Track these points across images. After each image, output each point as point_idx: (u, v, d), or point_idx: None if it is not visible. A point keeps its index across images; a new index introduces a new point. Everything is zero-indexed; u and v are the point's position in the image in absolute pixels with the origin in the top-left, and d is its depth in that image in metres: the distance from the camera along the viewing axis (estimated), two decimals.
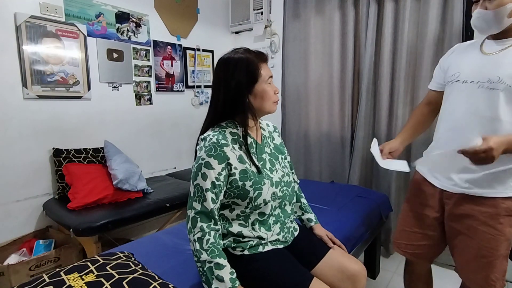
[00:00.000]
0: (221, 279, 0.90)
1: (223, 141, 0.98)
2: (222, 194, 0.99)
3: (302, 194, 1.32)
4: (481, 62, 1.07)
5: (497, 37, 1.05)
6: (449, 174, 1.14)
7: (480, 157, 0.91)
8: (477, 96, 1.04)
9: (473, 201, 1.09)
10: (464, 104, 1.08)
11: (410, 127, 1.39)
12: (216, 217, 0.97)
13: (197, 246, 0.93)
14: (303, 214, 1.28)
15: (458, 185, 1.11)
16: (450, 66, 1.19)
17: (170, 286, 0.95)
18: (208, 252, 0.92)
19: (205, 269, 0.92)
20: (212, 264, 0.91)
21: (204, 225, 0.94)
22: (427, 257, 1.31)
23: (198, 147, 1.03)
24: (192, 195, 0.97)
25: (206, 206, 0.95)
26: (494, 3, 0.96)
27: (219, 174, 0.96)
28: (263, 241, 1.06)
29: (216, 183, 0.96)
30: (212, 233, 0.95)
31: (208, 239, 0.93)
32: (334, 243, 1.21)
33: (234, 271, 0.95)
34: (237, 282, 0.93)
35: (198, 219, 0.95)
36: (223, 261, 0.93)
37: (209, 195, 0.95)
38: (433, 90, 1.31)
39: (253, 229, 1.04)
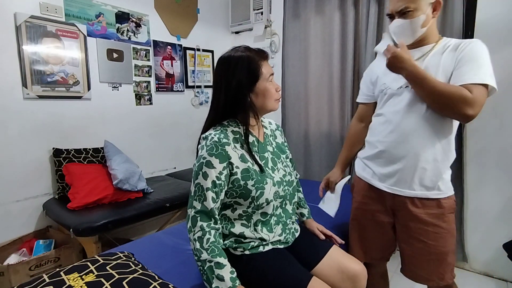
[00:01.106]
0: (221, 278, 0.90)
1: (224, 140, 0.98)
2: (223, 194, 0.98)
3: (300, 189, 1.32)
4: None
5: (413, 46, 1.14)
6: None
7: (390, 55, 1.05)
8: (412, 98, 1.11)
9: (422, 203, 1.14)
10: (402, 107, 1.13)
11: (347, 151, 1.44)
12: (217, 216, 0.97)
13: (197, 245, 0.93)
14: (297, 208, 1.29)
15: (411, 188, 1.14)
16: (379, 77, 1.24)
17: (170, 286, 0.95)
18: (209, 252, 0.92)
19: (205, 268, 0.92)
20: (212, 264, 0.91)
21: (204, 224, 0.94)
22: (387, 257, 1.37)
23: (199, 146, 1.03)
24: (192, 194, 0.97)
25: (206, 205, 0.94)
26: (408, 15, 1.07)
27: (220, 173, 0.96)
28: (264, 243, 1.05)
29: (217, 182, 0.95)
30: (213, 232, 0.94)
31: (209, 238, 0.93)
32: (325, 235, 1.22)
33: (234, 270, 0.95)
34: (237, 282, 0.93)
35: (198, 218, 0.95)
36: (224, 260, 0.93)
37: (210, 194, 0.95)
38: (363, 103, 1.37)
39: (255, 230, 1.04)
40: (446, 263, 1.17)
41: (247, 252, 1.04)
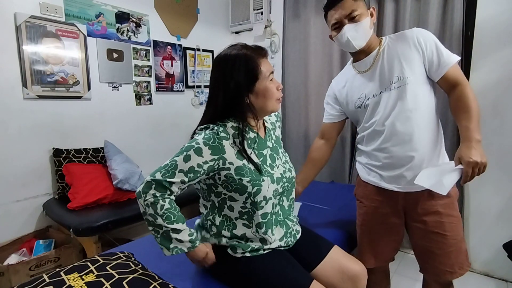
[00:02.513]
0: (180, 241, 0.91)
1: (223, 134, 0.95)
2: (193, 182, 0.95)
3: None
4: (369, 76, 1.19)
5: (361, 56, 1.21)
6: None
7: (474, 172, 0.97)
8: (392, 98, 1.14)
9: (432, 197, 1.14)
10: (387, 111, 1.15)
11: (308, 167, 1.41)
12: (173, 189, 0.93)
13: (150, 211, 0.91)
14: None
15: (419, 182, 1.12)
16: (349, 94, 1.26)
17: (170, 286, 0.95)
18: (164, 218, 0.90)
19: (161, 232, 0.91)
20: (169, 229, 0.91)
21: (158, 193, 0.91)
22: (392, 258, 1.37)
23: (196, 133, 1.00)
24: (163, 165, 0.94)
25: (168, 180, 0.91)
26: (357, 18, 1.11)
27: (205, 162, 0.92)
28: (265, 246, 1.04)
29: (196, 169, 0.91)
30: (167, 200, 0.92)
31: (163, 205, 0.91)
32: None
33: (193, 232, 0.95)
34: (198, 242, 0.95)
35: (153, 187, 0.91)
36: (181, 225, 0.92)
37: (180, 176, 0.91)
38: (327, 123, 1.39)
39: (257, 231, 1.02)
40: (462, 251, 1.18)
41: (247, 254, 1.02)
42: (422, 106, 1.12)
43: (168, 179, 0.91)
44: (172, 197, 0.94)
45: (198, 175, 0.94)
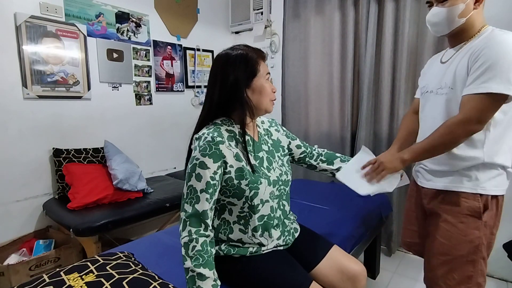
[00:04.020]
0: None
1: (218, 138, 0.95)
2: (216, 193, 0.95)
3: (332, 152, 1.35)
4: (438, 71, 1.13)
5: (452, 44, 1.12)
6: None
7: (374, 166, 1.15)
8: (435, 103, 1.11)
9: (441, 198, 1.11)
10: (430, 112, 1.15)
11: (403, 136, 1.31)
12: (207, 221, 0.92)
13: (183, 251, 0.89)
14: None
15: (432, 181, 1.14)
16: (422, 77, 1.27)
17: (170, 286, 0.95)
18: (193, 260, 0.87)
19: (187, 277, 0.88)
20: (194, 274, 0.87)
21: (193, 229, 0.90)
22: (414, 250, 1.35)
23: (192, 146, 1.00)
24: (185, 196, 0.94)
25: (198, 208, 0.91)
26: (447, 3, 1.02)
27: (215, 173, 0.93)
28: (263, 248, 1.04)
29: (211, 182, 0.92)
30: (200, 240, 0.89)
31: (194, 246, 0.88)
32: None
33: (217, 284, 0.89)
34: None
35: (188, 223, 0.91)
36: (208, 272, 0.87)
37: (204, 196, 0.91)
38: (418, 98, 1.32)
39: (253, 235, 1.02)
40: (454, 268, 1.06)
41: (247, 254, 1.03)
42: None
43: (197, 207, 0.91)
44: (208, 233, 0.92)
45: (215, 187, 0.94)
